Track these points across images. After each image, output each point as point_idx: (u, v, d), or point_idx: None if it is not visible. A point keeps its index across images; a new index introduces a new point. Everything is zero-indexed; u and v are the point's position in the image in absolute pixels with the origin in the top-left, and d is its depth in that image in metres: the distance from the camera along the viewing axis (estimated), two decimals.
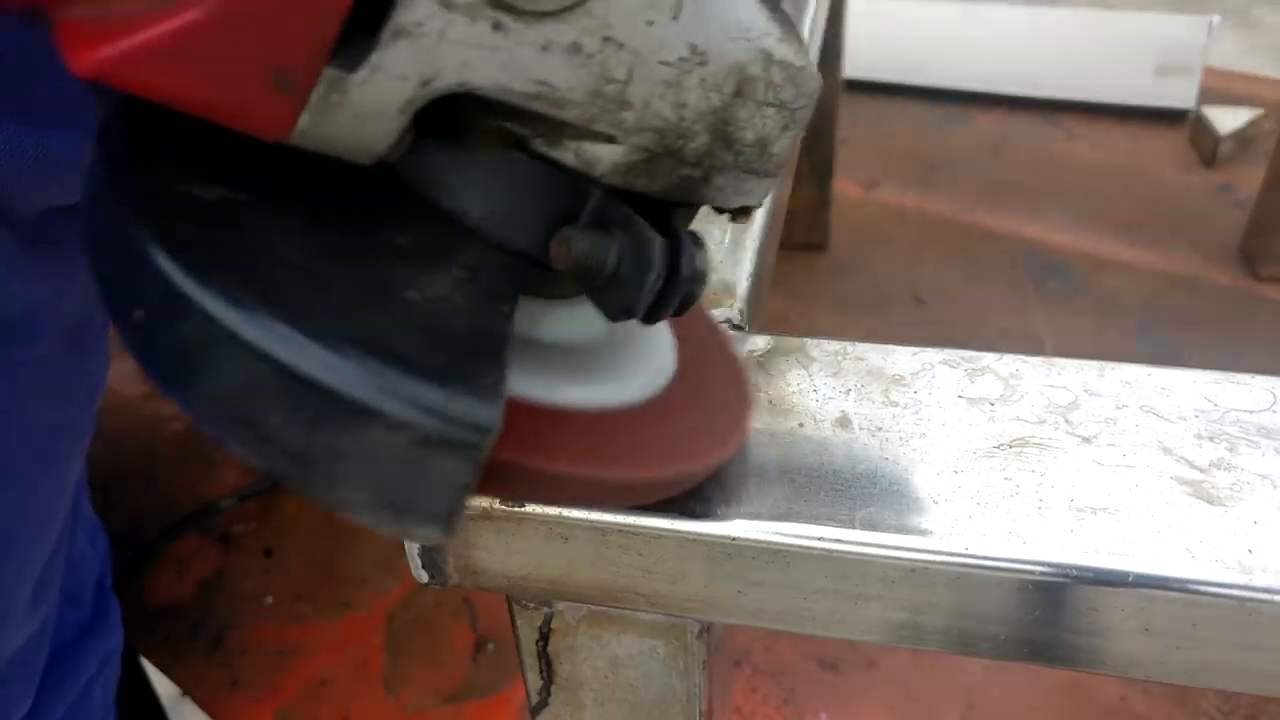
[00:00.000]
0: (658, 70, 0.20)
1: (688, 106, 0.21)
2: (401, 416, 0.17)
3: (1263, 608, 0.24)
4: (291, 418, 0.17)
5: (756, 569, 0.27)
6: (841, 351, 0.32)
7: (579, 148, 0.21)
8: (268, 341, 0.17)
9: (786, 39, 0.22)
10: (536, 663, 0.33)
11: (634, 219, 0.22)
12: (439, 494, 0.18)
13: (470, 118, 0.21)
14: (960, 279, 1.12)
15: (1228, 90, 1.42)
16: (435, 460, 0.18)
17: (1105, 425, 0.28)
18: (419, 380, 0.18)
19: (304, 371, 0.17)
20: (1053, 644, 0.26)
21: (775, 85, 0.22)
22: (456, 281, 0.21)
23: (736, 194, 0.24)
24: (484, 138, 0.22)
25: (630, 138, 0.21)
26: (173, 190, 0.20)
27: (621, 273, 0.22)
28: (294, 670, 0.72)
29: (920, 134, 1.43)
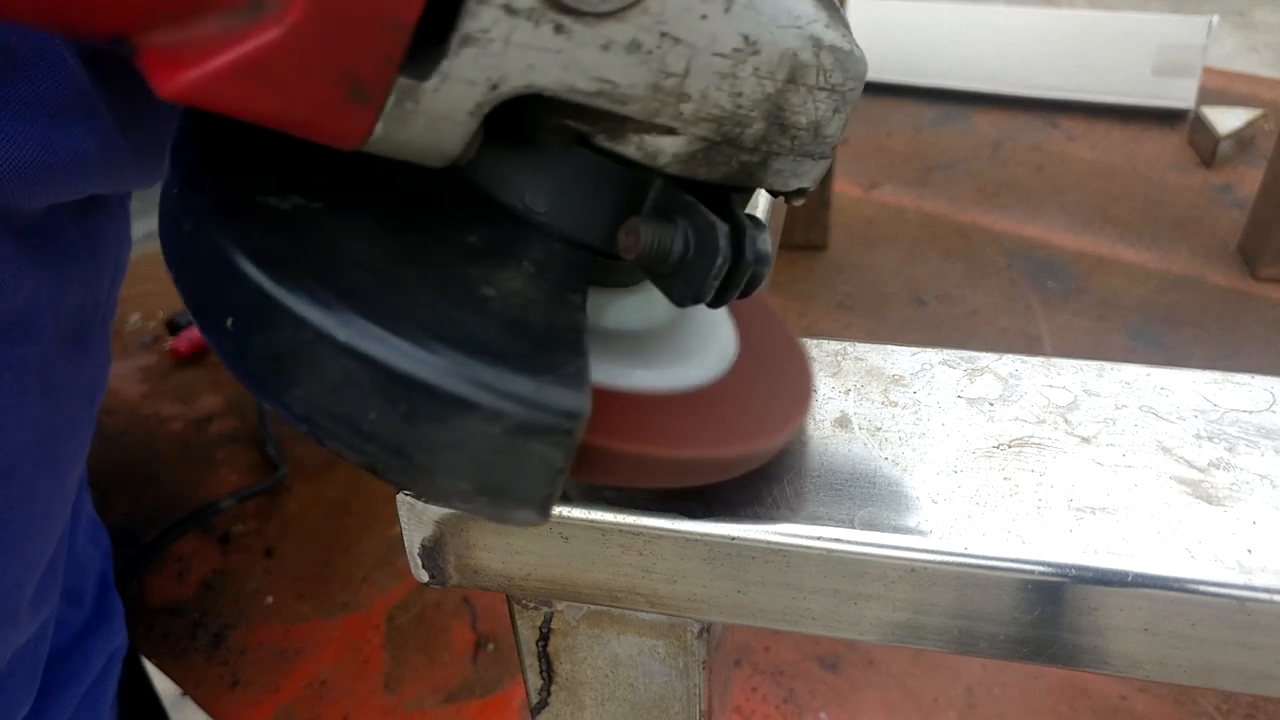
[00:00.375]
0: (713, 62, 0.21)
1: (743, 95, 0.22)
2: (496, 407, 0.18)
3: (1262, 607, 0.24)
4: (389, 413, 0.18)
5: (756, 569, 0.27)
6: (841, 351, 0.32)
7: (641, 140, 0.22)
8: (360, 341, 0.18)
9: (834, 24, 0.23)
10: (536, 662, 0.33)
11: (697, 206, 0.23)
12: (535, 479, 0.19)
13: (535, 117, 0.22)
14: (959, 279, 1.12)
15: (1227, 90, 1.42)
16: (530, 447, 0.18)
17: (1104, 425, 0.28)
18: (510, 371, 0.18)
19: (398, 368, 0.18)
20: (1052, 644, 0.26)
21: (826, 70, 0.23)
22: (528, 276, 0.22)
23: (794, 176, 0.25)
24: (549, 136, 0.22)
25: (690, 128, 0.22)
26: (251, 201, 0.21)
27: (688, 259, 0.23)
28: (294, 669, 0.72)
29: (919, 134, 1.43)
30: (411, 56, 0.18)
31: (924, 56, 1.51)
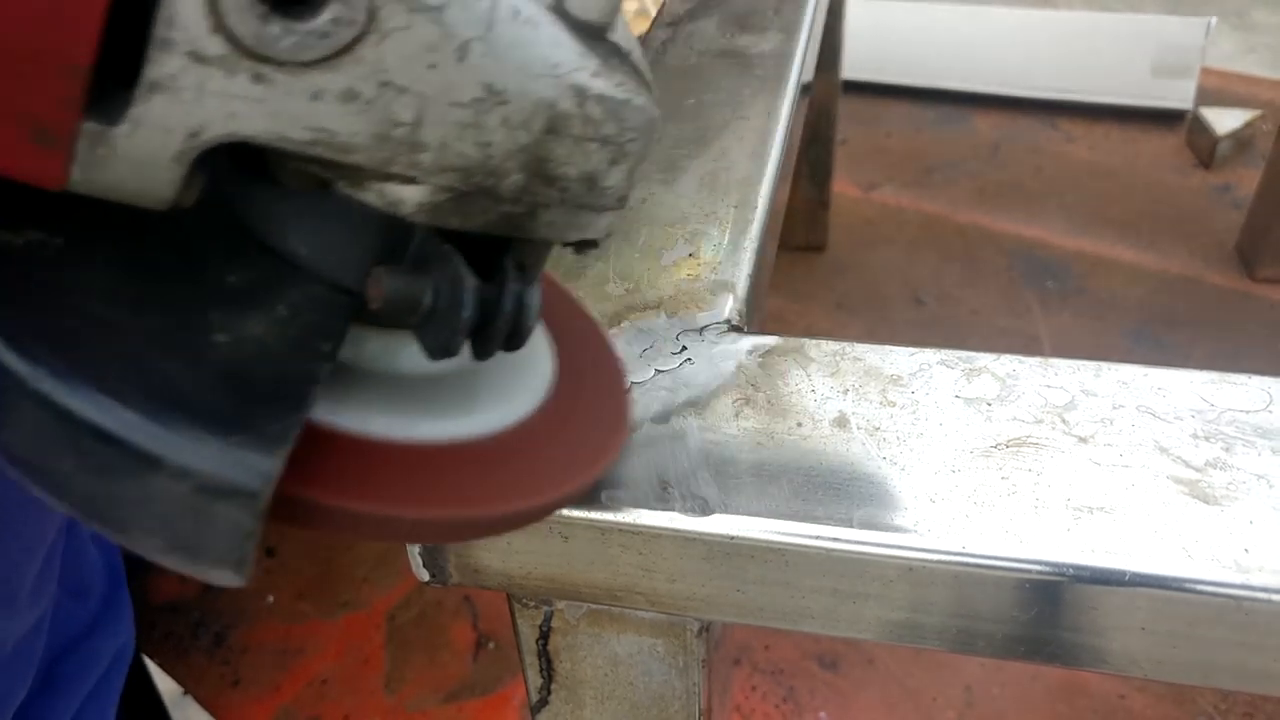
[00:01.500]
0: (450, 112, 0.20)
1: (493, 145, 0.20)
2: (181, 464, 0.18)
3: (1259, 606, 0.24)
4: (81, 465, 0.18)
5: (755, 568, 0.27)
6: (840, 352, 0.32)
7: (381, 189, 0.20)
8: (53, 390, 0.18)
9: (605, 72, 0.21)
10: (537, 661, 0.33)
11: (451, 257, 0.22)
12: (225, 540, 0.18)
13: (274, 159, 0.21)
14: (958, 279, 1.13)
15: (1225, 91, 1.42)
16: (217, 507, 0.18)
17: (1102, 425, 0.28)
18: (201, 430, 0.18)
19: (88, 419, 0.18)
20: (1050, 642, 0.26)
21: (594, 120, 0.21)
22: (277, 321, 0.21)
23: (571, 229, 0.23)
24: (291, 179, 0.21)
25: (432, 178, 0.20)
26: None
27: (437, 312, 0.22)
28: (295, 669, 0.72)
29: (919, 135, 1.43)
30: (99, 100, 0.18)
31: (924, 57, 1.51)
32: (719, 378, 0.31)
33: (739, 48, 0.51)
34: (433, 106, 0.19)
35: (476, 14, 0.19)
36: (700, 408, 0.30)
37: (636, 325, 0.33)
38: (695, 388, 0.31)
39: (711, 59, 0.50)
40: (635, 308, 0.34)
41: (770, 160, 0.42)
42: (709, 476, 0.28)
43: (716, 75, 0.49)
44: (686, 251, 0.37)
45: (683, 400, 0.30)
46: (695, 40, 0.52)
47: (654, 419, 0.30)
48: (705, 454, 0.28)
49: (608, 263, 0.37)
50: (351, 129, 0.19)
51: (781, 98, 0.47)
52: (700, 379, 0.31)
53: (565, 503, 0.25)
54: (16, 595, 0.46)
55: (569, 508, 0.26)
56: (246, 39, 0.18)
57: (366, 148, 0.19)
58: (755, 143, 0.43)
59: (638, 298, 0.35)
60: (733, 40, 0.52)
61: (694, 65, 0.50)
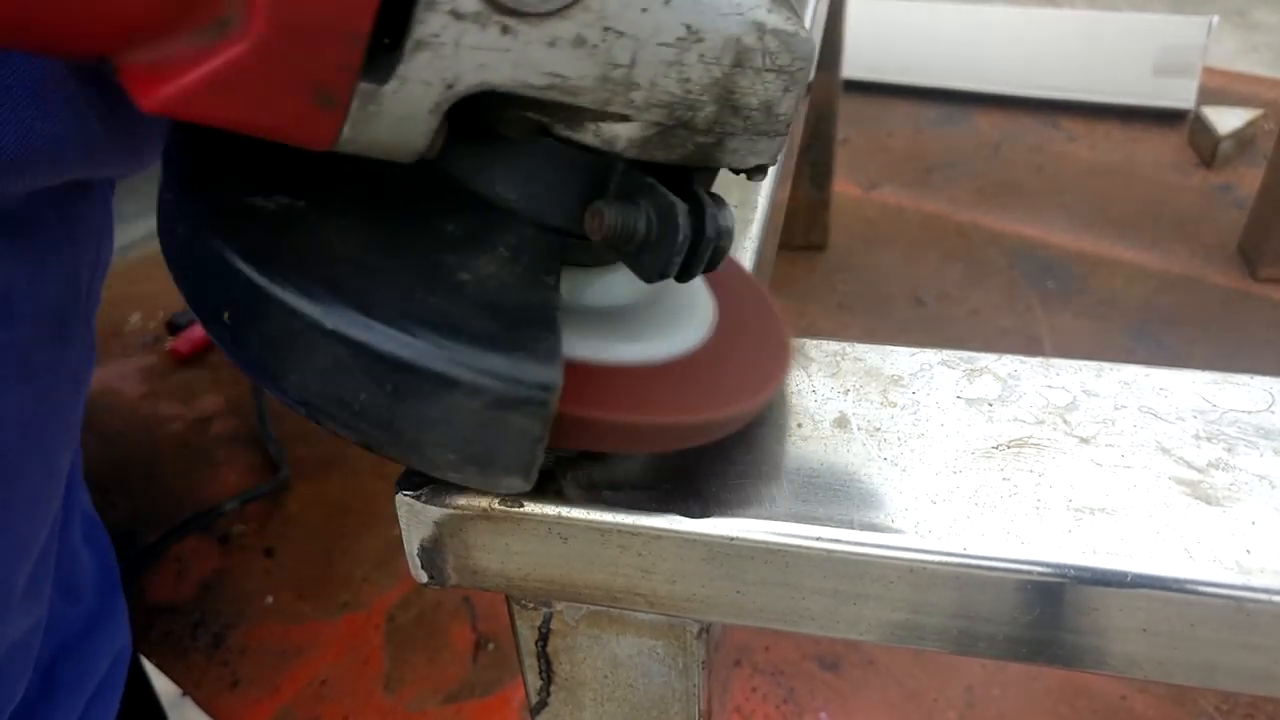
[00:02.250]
0: (658, 51, 0.22)
1: (691, 81, 0.23)
2: (475, 382, 0.20)
3: (1261, 608, 0.24)
4: (377, 394, 0.20)
5: (755, 569, 0.27)
6: (840, 352, 0.32)
7: (598, 128, 0.23)
8: (346, 328, 0.20)
9: (776, 8, 0.24)
10: (536, 663, 0.33)
11: (657, 188, 0.24)
12: (516, 448, 0.21)
13: (497, 111, 0.23)
14: (959, 279, 1.13)
15: (1227, 90, 1.42)
16: (510, 418, 0.20)
17: (1103, 426, 0.28)
18: (486, 349, 0.20)
19: (383, 350, 0.20)
20: (1051, 644, 0.26)
21: (771, 52, 0.24)
22: (503, 260, 0.24)
23: (750, 154, 0.26)
24: (512, 127, 0.23)
25: (643, 114, 0.23)
26: (239, 203, 0.22)
27: (652, 238, 0.24)
28: (294, 670, 0.72)
29: (920, 134, 1.43)
30: (370, 63, 0.20)
31: (924, 56, 1.51)
32: None
33: None
34: (645, 47, 0.22)
35: None
36: None
37: None
38: None
39: None
40: None
41: None
42: (708, 477, 0.28)
43: None
44: None
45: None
46: None
47: None
48: (705, 454, 0.28)
49: None
50: (581, 72, 0.21)
51: None
52: None
53: (756, 412, 0.28)
54: (9, 599, 0.46)
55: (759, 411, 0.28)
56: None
57: (591, 89, 0.22)
58: None
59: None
60: None
61: None
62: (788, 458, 0.28)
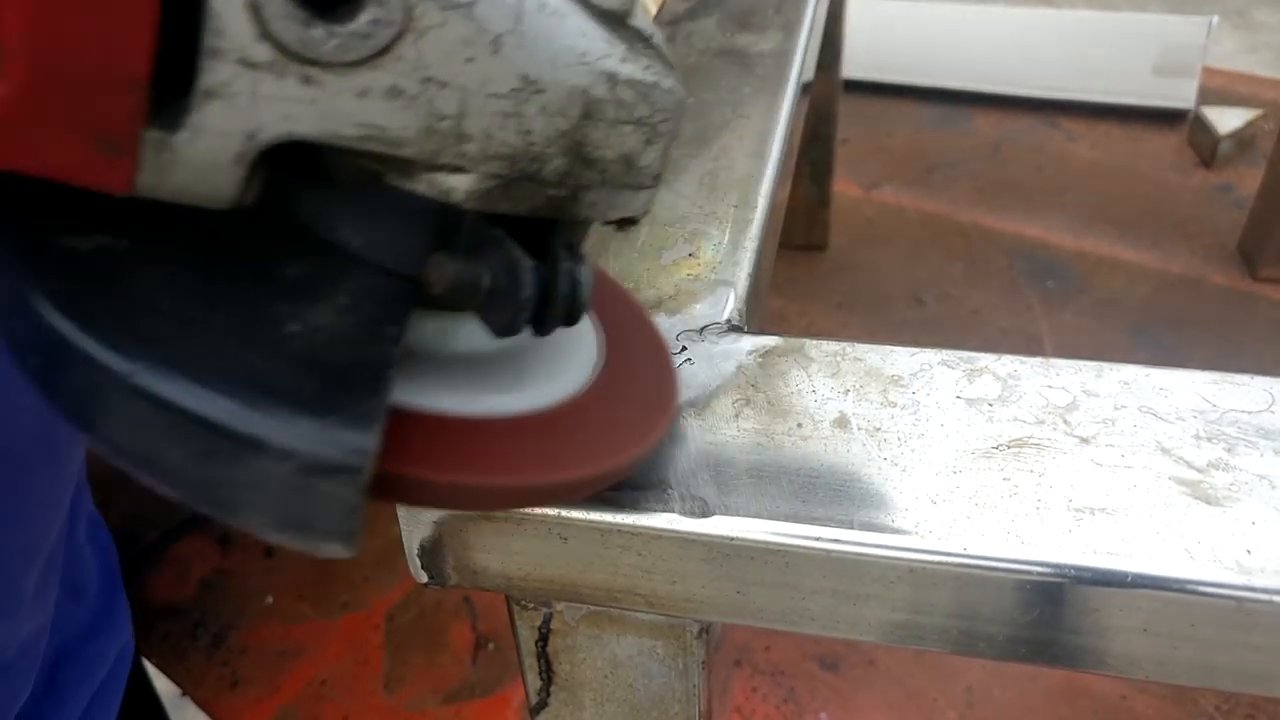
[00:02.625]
0: (490, 103, 0.21)
1: (534, 133, 0.21)
2: (284, 447, 0.19)
3: (1261, 608, 0.24)
4: (187, 454, 0.19)
5: (755, 569, 0.27)
6: (840, 352, 0.32)
7: (431, 179, 0.21)
8: (153, 384, 0.19)
9: (632, 57, 0.22)
10: (536, 663, 0.33)
11: (504, 241, 0.23)
12: (332, 515, 0.19)
13: (329, 156, 0.21)
14: (959, 279, 1.12)
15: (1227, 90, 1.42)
16: (322, 485, 0.19)
17: (1103, 426, 0.28)
18: (299, 412, 0.19)
19: (190, 410, 0.19)
20: (1051, 644, 0.26)
21: (626, 104, 0.23)
22: (342, 309, 0.22)
23: (611, 208, 0.24)
24: (344, 174, 0.22)
25: (480, 166, 0.21)
26: (53, 244, 0.21)
27: (496, 293, 0.23)
28: (294, 670, 0.72)
29: (920, 134, 1.43)
30: (160, 109, 0.18)
31: (924, 56, 1.51)
32: (719, 378, 0.31)
33: (739, 46, 0.51)
34: (473, 98, 0.20)
35: (505, 8, 0.20)
36: (700, 408, 0.30)
37: None
38: (695, 388, 0.31)
39: (711, 58, 0.50)
40: None
41: (770, 159, 0.42)
42: (709, 477, 0.28)
43: (716, 74, 0.48)
44: (686, 251, 0.37)
45: (683, 401, 0.30)
46: (695, 39, 0.52)
47: None
48: (705, 455, 0.28)
49: (607, 263, 0.37)
50: (400, 123, 0.20)
51: (782, 97, 0.46)
52: (700, 379, 0.31)
53: (617, 474, 0.26)
54: (20, 599, 0.46)
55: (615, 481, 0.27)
56: (292, 44, 0.18)
57: (415, 140, 0.20)
58: (755, 142, 0.43)
59: (637, 297, 0.35)
60: (733, 39, 0.52)
61: (694, 64, 0.50)
62: (788, 458, 0.28)
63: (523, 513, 0.27)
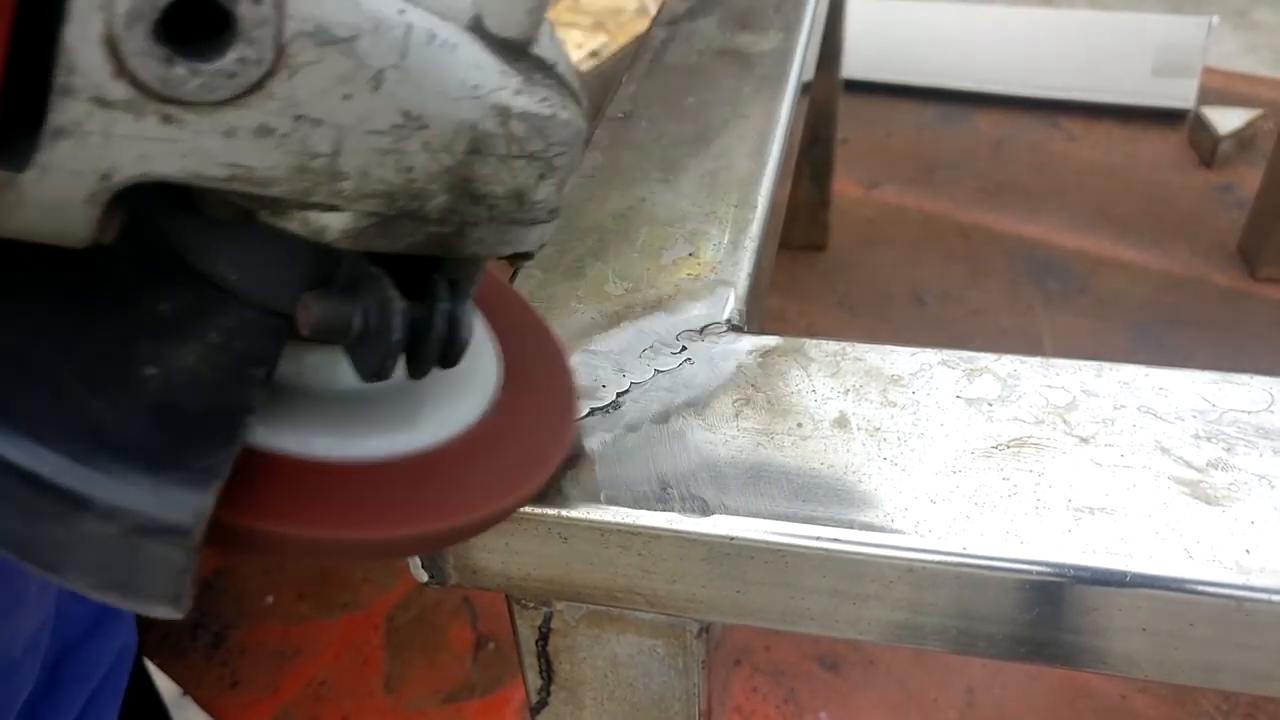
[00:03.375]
0: (368, 140, 0.20)
1: (415, 170, 0.20)
2: (110, 505, 0.18)
3: (1260, 608, 0.24)
4: (8, 509, 0.18)
5: (755, 569, 0.27)
6: (840, 352, 0.32)
7: (304, 217, 0.20)
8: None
9: (528, 88, 0.21)
10: (536, 662, 0.33)
11: (380, 281, 0.22)
12: (160, 578, 0.18)
13: (197, 192, 0.20)
14: (960, 279, 1.12)
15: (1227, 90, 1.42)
16: (149, 546, 0.18)
17: (1103, 425, 0.28)
18: (130, 467, 0.18)
19: (13, 463, 0.18)
20: (1051, 643, 0.26)
21: (518, 138, 0.21)
22: (210, 348, 0.21)
23: (501, 244, 0.23)
24: (215, 210, 0.21)
25: (355, 204, 0.20)
26: None
27: (367, 335, 0.22)
28: (294, 670, 0.72)
29: (920, 134, 1.43)
30: (4, 147, 0.17)
31: (924, 56, 1.51)
32: (719, 378, 0.31)
33: (739, 46, 0.51)
34: (350, 136, 0.19)
35: (390, 42, 0.19)
36: (700, 408, 0.30)
37: (636, 325, 0.33)
38: (695, 388, 0.31)
39: (711, 58, 0.50)
40: (635, 307, 0.34)
41: (770, 159, 0.42)
42: (708, 477, 0.28)
43: (716, 74, 0.48)
44: (686, 251, 0.37)
45: (682, 401, 0.30)
46: (695, 39, 0.52)
47: (654, 419, 0.30)
48: (705, 455, 0.28)
49: (607, 262, 0.37)
50: (269, 163, 0.19)
51: (782, 97, 0.46)
52: (700, 379, 0.31)
53: (500, 517, 0.25)
54: (25, 593, 0.46)
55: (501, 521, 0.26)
56: (151, 82, 0.17)
57: (286, 180, 0.19)
58: (755, 142, 0.43)
59: (638, 297, 0.35)
60: (733, 39, 0.52)
61: (694, 64, 0.50)
62: (788, 457, 0.28)
63: (523, 512, 0.27)
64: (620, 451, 0.29)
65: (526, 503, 0.26)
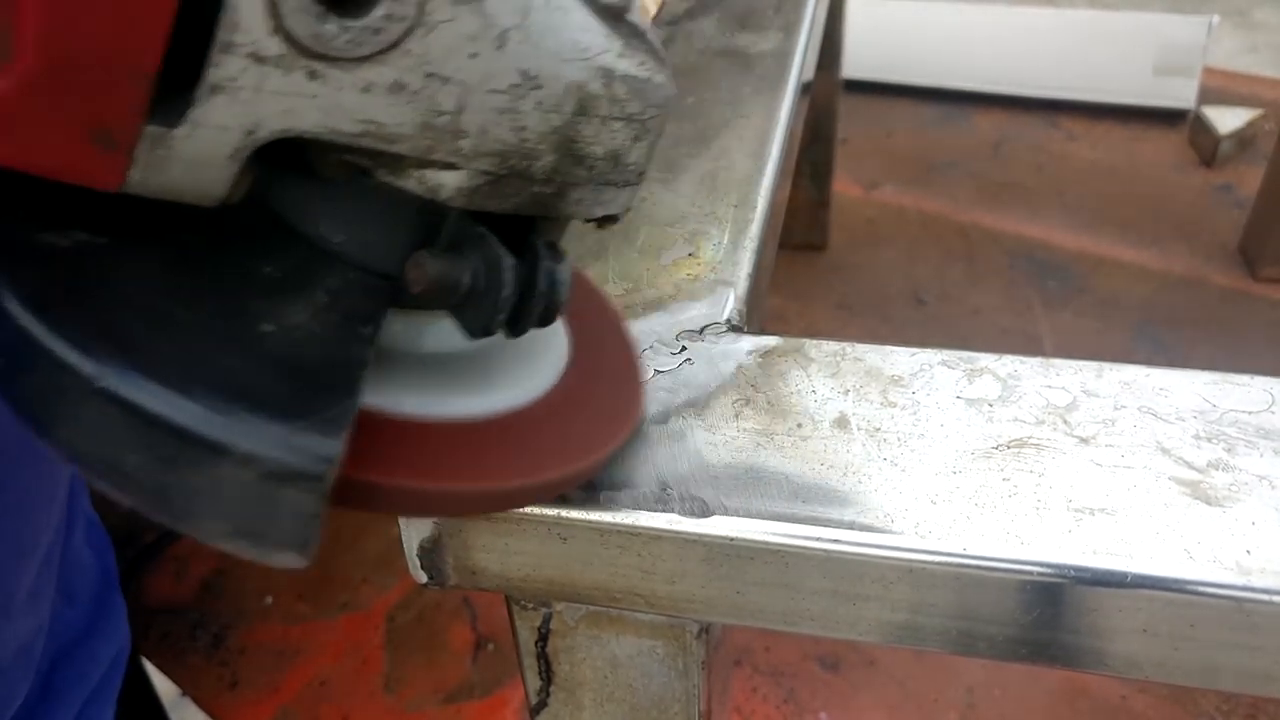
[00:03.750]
0: (489, 99, 0.20)
1: (527, 129, 0.21)
2: (248, 452, 0.18)
3: (1260, 608, 0.24)
4: (147, 458, 0.18)
5: (755, 569, 0.27)
6: (840, 352, 0.32)
7: (422, 175, 0.21)
8: (119, 387, 0.18)
9: (629, 53, 0.22)
10: (535, 663, 0.33)
11: (487, 239, 0.23)
12: (291, 524, 0.19)
13: (316, 151, 0.21)
14: (960, 279, 1.12)
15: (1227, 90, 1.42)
16: (283, 493, 0.19)
17: (1103, 426, 0.28)
18: (264, 417, 0.19)
19: (154, 413, 0.18)
20: (1051, 644, 0.26)
21: (620, 100, 0.22)
22: (318, 308, 0.22)
23: (596, 205, 0.24)
24: (332, 170, 0.22)
25: (471, 163, 0.21)
26: (28, 239, 0.20)
27: (476, 292, 0.22)
28: (294, 670, 0.72)
29: (920, 134, 1.43)
30: (160, 104, 0.18)
31: (924, 56, 1.51)
32: (719, 378, 0.31)
33: (739, 46, 0.51)
34: (473, 94, 0.20)
35: (514, 3, 0.20)
36: (700, 408, 0.30)
37: (636, 325, 0.33)
38: (695, 388, 0.31)
39: (711, 58, 0.50)
40: (635, 308, 0.34)
41: (770, 159, 0.42)
42: (708, 477, 0.28)
43: (716, 74, 0.48)
44: (686, 251, 0.37)
45: (682, 401, 0.30)
46: (695, 39, 0.52)
47: (653, 420, 0.30)
48: (705, 455, 0.28)
49: (607, 262, 0.37)
50: (398, 119, 0.20)
51: (782, 97, 0.46)
52: (700, 379, 0.31)
53: (597, 468, 0.26)
54: (12, 601, 0.46)
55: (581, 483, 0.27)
56: (304, 38, 0.18)
57: (411, 137, 0.20)
58: (755, 142, 0.43)
59: (637, 297, 0.35)
60: (733, 39, 0.52)
61: (694, 64, 0.50)
62: (787, 458, 0.28)
63: (522, 513, 0.27)
64: (620, 451, 0.29)
65: (607, 463, 0.27)
